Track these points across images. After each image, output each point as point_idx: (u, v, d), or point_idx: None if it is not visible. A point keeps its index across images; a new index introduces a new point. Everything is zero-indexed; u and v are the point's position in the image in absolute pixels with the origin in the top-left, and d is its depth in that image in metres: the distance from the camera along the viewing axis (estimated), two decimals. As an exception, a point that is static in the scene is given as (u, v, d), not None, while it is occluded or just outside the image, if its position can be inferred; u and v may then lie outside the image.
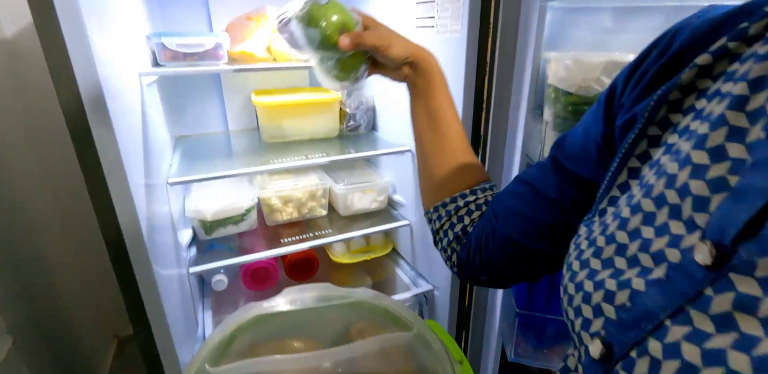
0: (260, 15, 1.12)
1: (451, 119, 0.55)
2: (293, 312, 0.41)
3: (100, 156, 0.61)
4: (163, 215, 0.84)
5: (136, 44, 0.82)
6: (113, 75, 0.63)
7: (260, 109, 1.13)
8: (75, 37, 0.54)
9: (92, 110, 0.57)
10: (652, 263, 0.24)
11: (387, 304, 0.43)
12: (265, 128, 1.14)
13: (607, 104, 0.34)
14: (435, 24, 0.89)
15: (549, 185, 0.40)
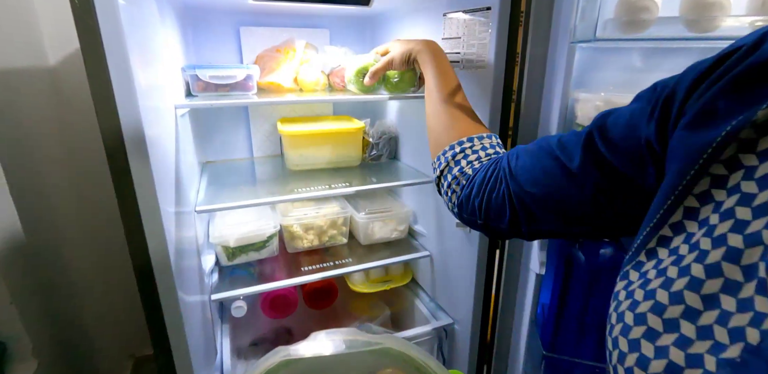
0: (289, 48, 1.16)
1: (451, 86, 0.69)
2: (320, 358, 0.40)
3: (135, 187, 0.62)
4: (190, 241, 0.85)
5: (172, 75, 0.86)
6: (151, 106, 0.66)
7: (285, 137, 1.16)
8: (119, 69, 0.56)
9: (131, 140, 0.59)
10: (728, 340, 0.21)
11: (414, 354, 0.41)
12: (289, 156, 1.16)
13: (664, 107, 0.31)
14: (460, 59, 0.90)
15: (574, 157, 0.39)
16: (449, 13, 0.92)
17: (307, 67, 1.15)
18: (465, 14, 0.87)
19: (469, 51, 0.87)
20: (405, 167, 1.22)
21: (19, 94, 0.91)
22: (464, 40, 0.88)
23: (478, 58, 0.85)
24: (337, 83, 1.17)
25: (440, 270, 1.13)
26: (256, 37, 1.24)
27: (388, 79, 1.01)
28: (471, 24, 0.86)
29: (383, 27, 1.28)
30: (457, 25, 0.90)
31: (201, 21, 1.18)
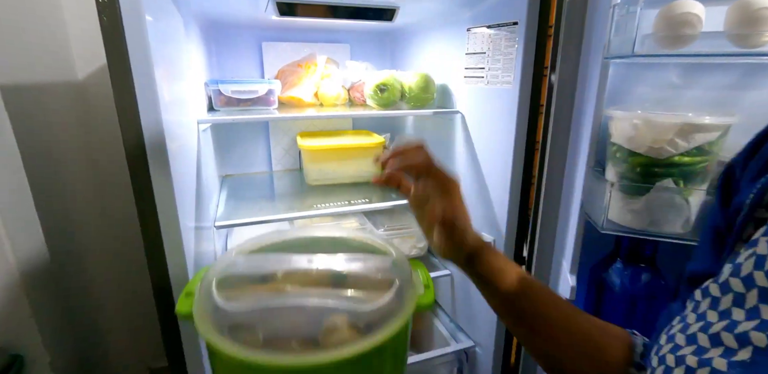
0: (310, 62, 1.16)
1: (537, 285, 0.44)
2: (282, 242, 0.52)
3: (156, 202, 0.61)
4: (208, 256, 0.84)
5: (195, 90, 0.86)
6: (174, 121, 0.65)
7: (305, 152, 1.15)
8: (144, 84, 0.56)
9: (153, 155, 0.59)
10: (736, 345, 0.24)
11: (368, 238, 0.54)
12: (309, 171, 1.15)
13: (724, 193, 0.31)
14: (485, 75, 0.88)
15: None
16: (473, 28, 0.90)
17: (328, 81, 1.15)
18: (490, 29, 0.86)
19: (495, 66, 0.85)
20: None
21: (47, 109, 0.93)
22: (489, 55, 0.87)
23: (504, 73, 0.83)
24: (357, 98, 1.16)
25: (461, 290, 1.09)
26: (278, 51, 1.25)
27: (407, 93, 0.99)
28: (496, 39, 0.84)
29: (404, 41, 1.28)
30: (482, 40, 0.88)
31: (224, 36, 1.19)
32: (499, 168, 0.88)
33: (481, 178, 0.94)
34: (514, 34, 0.80)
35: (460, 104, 0.99)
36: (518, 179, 0.86)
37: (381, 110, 0.99)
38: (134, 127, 0.57)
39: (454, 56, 0.99)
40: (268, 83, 1.01)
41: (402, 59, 1.30)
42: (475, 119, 0.94)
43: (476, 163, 0.95)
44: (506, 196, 0.87)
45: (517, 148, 0.84)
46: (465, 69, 0.95)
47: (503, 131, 0.85)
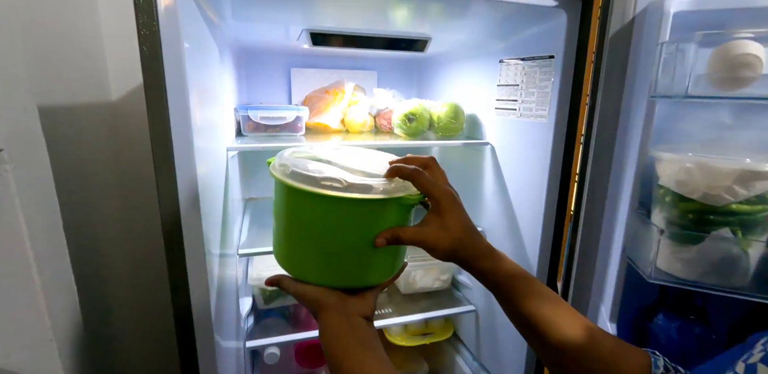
0: (338, 90, 1.17)
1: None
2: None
3: (183, 231, 0.60)
4: (230, 284, 0.82)
5: (226, 115, 0.86)
6: (205, 147, 0.65)
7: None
8: (179, 114, 0.56)
9: (184, 184, 0.58)
10: None
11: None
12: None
13: None
14: (518, 107, 0.87)
15: None
16: (507, 59, 0.89)
17: (355, 108, 1.14)
18: (524, 62, 0.84)
19: (528, 99, 0.84)
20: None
21: (81, 130, 0.94)
22: (523, 88, 0.85)
23: (539, 106, 0.81)
24: (383, 125, 1.15)
25: (486, 327, 1.04)
26: (306, 77, 1.26)
27: (435, 123, 0.98)
28: (531, 72, 0.83)
29: (431, 70, 1.27)
30: (515, 72, 0.87)
31: (255, 62, 1.21)
32: (531, 202, 0.85)
33: (511, 211, 0.91)
34: (551, 67, 0.78)
35: (490, 135, 0.97)
36: (551, 215, 0.82)
37: (409, 140, 0.97)
38: (166, 155, 0.57)
39: (484, 87, 0.98)
40: (296, 110, 1.01)
41: (429, 88, 1.29)
42: (506, 150, 0.92)
43: (506, 195, 0.92)
44: (538, 231, 0.84)
45: (550, 183, 0.81)
46: (496, 100, 0.93)
47: (536, 165, 0.83)
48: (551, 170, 0.80)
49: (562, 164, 0.80)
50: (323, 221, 0.47)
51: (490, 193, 0.98)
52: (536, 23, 0.80)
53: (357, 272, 0.50)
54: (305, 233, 0.50)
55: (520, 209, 0.89)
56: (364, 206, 0.45)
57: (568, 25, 0.74)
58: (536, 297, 0.45)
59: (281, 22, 0.80)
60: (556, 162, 0.80)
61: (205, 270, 0.63)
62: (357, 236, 0.47)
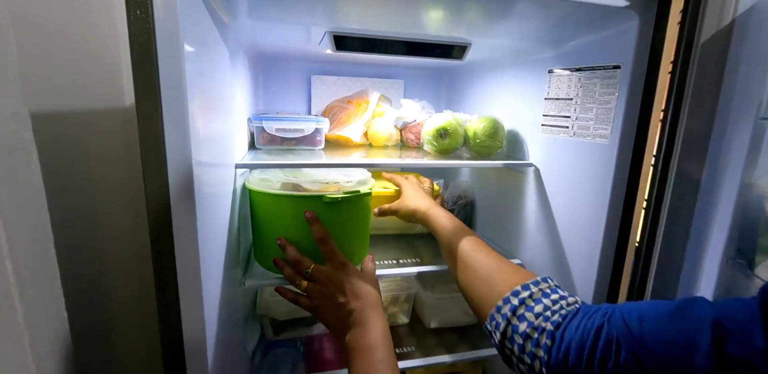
0: (362, 100, 1.06)
1: (471, 235, 0.68)
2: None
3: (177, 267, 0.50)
4: (233, 315, 0.72)
5: (237, 126, 0.76)
6: (208, 163, 0.55)
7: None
8: (174, 122, 0.46)
9: (178, 201, 0.48)
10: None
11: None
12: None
13: None
14: (571, 125, 0.75)
15: (754, 338, 0.30)
16: (557, 69, 0.78)
17: (380, 120, 1.04)
18: (580, 72, 0.73)
19: (585, 115, 0.72)
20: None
21: (93, 135, 0.86)
22: (578, 103, 0.73)
23: (598, 125, 0.69)
24: (410, 140, 1.04)
25: None
26: (327, 85, 1.16)
27: (471, 140, 0.87)
28: (589, 84, 0.71)
29: (464, 80, 1.16)
30: (568, 84, 0.75)
31: (272, 68, 1.12)
32: (584, 236, 0.73)
33: (558, 244, 0.79)
34: (615, 79, 0.66)
35: (534, 155, 0.85)
36: (609, 253, 0.70)
37: (442, 159, 0.86)
38: (158, 169, 0.47)
39: (528, 100, 0.86)
40: (315, 121, 0.91)
41: (459, 99, 1.18)
42: (554, 174, 0.80)
43: (552, 226, 0.80)
44: (593, 270, 0.71)
45: (611, 215, 0.68)
46: (543, 116, 0.82)
47: (593, 193, 0.71)
48: (612, 200, 0.68)
49: (626, 193, 0.68)
50: (277, 214, 0.69)
51: (533, 222, 0.86)
52: (598, 28, 0.68)
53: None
54: (271, 228, 0.70)
55: (569, 241, 0.77)
56: (297, 201, 0.66)
57: (641, 30, 0.62)
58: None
59: (302, 23, 0.71)
60: (618, 191, 0.68)
61: (201, 308, 0.53)
62: (302, 225, 0.67)
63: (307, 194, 0.67)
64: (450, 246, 0.67)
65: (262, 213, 0.71)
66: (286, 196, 0.67)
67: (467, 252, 0.63)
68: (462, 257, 0.63)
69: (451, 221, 0.72)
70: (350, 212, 0.72)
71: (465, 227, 0.70)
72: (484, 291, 0.54)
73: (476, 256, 0.61)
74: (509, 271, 0.55)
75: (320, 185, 0.69)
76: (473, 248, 0.63)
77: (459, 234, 0.67)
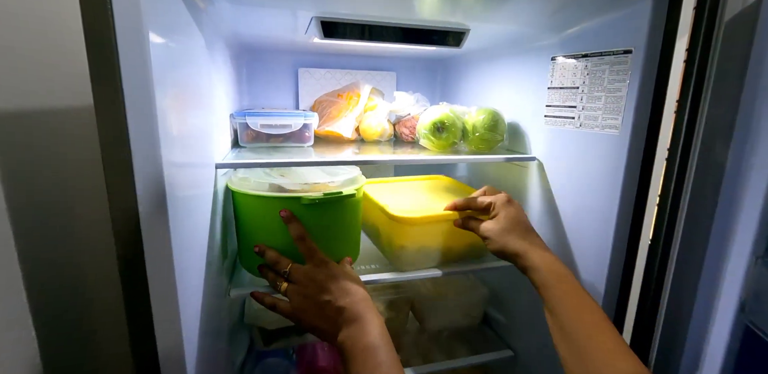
0: (353, 93, 1.01)
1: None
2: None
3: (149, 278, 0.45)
4: (218, 327, 0.66)
5: (218, 122, 0.70)
6: (183, 163, 0.49)
7: (395, 224, 0.73)
8: (140, 118, 0.40)
9: (148, 214, 0.42)
10: None
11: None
12: (401, 252, 0.75)
13: None
14: (577, 115, 0.70)
15: None
16: (561, 56, 0.73)
17: (372, 114, 0.98)
18: (587, 59, 0.68)
19: (593, 105, 0.67)
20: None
21: (63, 134, 0.79)
22: (584, 91, 0.68)
23: (608, 114, 0.64)
24: (405, 135, 0.99)
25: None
26: (316, 78, 1.10)
27: (470, 133, 0.82)
28: (597, 71, 0.66)
29: (458, 71, 1.11)
30: (573, 71, 0.70)
31: (257, 61, 1.06)
32: (594, 232, 0.68)
33: (564, 241, 0.74)
34: (626, 65, 0.61)
35: (536, 148, 0.80)
36: (621, 251, 0.66)
37: (440, 154, 0.81)
38: (123, 177, 0.41)
39: (529, 91, 0.81)
40: (303, 117, 0.85)
41: (455, 92, 1.13)
42: (559, 168, 0.75)
43: (557, 222, 0.76)
44: (603, 270, 0.67)
45: (622, 211, 0.64)
46: (546, 106, 0.77)
47: (602, 187, 0.66)
48: (624, 194, 0.63)
49: (638, 186, 0.64)
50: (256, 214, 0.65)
51: (536, 219, 0.81)
52: (606, 9, 0.63)
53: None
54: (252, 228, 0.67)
55: (576, 241, 0.72)
56: (274, 203, 0.63)
57: (654, 9, 0.57)
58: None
59: (286, 6, 0.65)
60: (630, 184, 0.63)
61: (178, 324, 0.47)
62: (283, 227, 0.63)
63: (285, 196, 0.62)
64: (560, 317, 0.52)
65: (243, 215, 0.67)
66: (265, 197, 0.63)
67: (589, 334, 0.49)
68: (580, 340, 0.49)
69: (559, 279, 0.55)
70: (334, 214, 0.67)
71: (580, 290, 0.54)
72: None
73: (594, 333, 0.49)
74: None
75: (303, 185, 0.64)
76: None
77: (573, 303, 0.52)
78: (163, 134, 0.42)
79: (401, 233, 0.73)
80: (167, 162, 0.43)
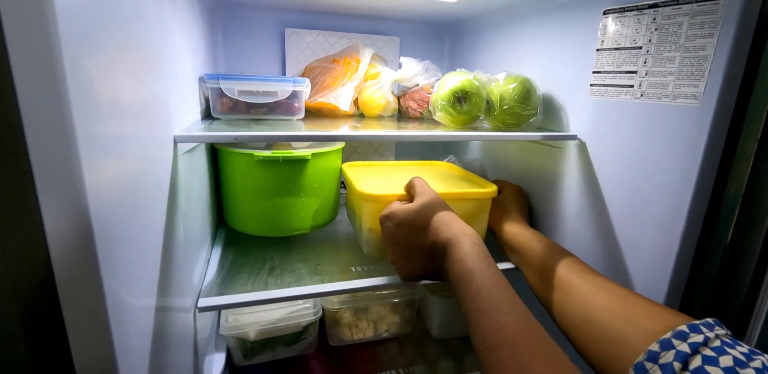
0: (351, 58, 0.85)
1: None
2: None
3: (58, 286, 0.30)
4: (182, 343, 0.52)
5: (178, 89, 0.54)
6: (115, 140, 0.33)
7: (366, 204, 0.63)
8: (37, 76, 0.25)
9: (60, 203, 0.27)
10: None
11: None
12: (371, 236, 0.64)
13: None
14: (638, 83, 0.56)
15: None
16: (618, 9, 0.58)
17: (374, 83, 0.83)
18: (654, 10, 0.53)
19: (661, 69, 0.53)
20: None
21: None
22: (650, 52, 0.54)
23: (682, 81, 0.51)
24: (412, 110, 0.84)
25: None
26: (306, 42, 0.94)
27: (496, 105, 0.67)
28: (670, 24, 0.52)
29: (471, 36, 0.96)
30: (635, 27, 0.56)
31: (235, 19, 0.89)
32: (654, 229, 0.55)
33: (611, 237, 0.61)
34: (714, 15, 0.47)
35: (576, 124, 0.66)
36: (689, 255, 0.53)
37: (461, 130, 0.66)
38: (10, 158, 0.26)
39: (569, 54, 0.67)
40: (292, 83, 0.69)
41: (467, 61, 0.98)
42: (607, 148, 0.61)
43: (603, 215, 0.62)
44: (665, 275, 0.54)
45: (695, 203, 0.51)
46: (593, 73, 0.62)
47: (669, 175, 0.53)
48: (699, 184, 0.50)
49: (716, 174, 0.50)
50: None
51: (574, 209, 0.68)
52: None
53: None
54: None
55: (628, 238, 0.59)
56: (234, 157, 0.68)
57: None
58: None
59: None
60: (708, 171, 0.50)
61: (113, 353, 0.33)
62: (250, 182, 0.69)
63: (241, 152, 0.65)
64: (542, 267, 0.56)
65: (219, 170, 0.73)
66: (228, 152, 0.67)
67: (573, 275, 0.52)
68: (563, 280, 0.52)
69: (541, 242, 0.60)
70: (289, 176, 0.67)
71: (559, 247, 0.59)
72: (619, 327, 0.41)
73: (590, 279, 0.50)
74: (650, 305, 0.43)
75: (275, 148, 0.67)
76: (581, 272, 0.52)
77: (553, 255, 0.56)
78: (77, 98, 0.26)
79: (369, 213, 0.62)
80: (84, 134, 0.28)
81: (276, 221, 0.69)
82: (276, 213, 0.69)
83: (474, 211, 0.65)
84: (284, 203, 0.68)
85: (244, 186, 0.69)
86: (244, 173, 0.68)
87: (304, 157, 0.66)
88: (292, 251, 0.71)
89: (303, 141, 0.70)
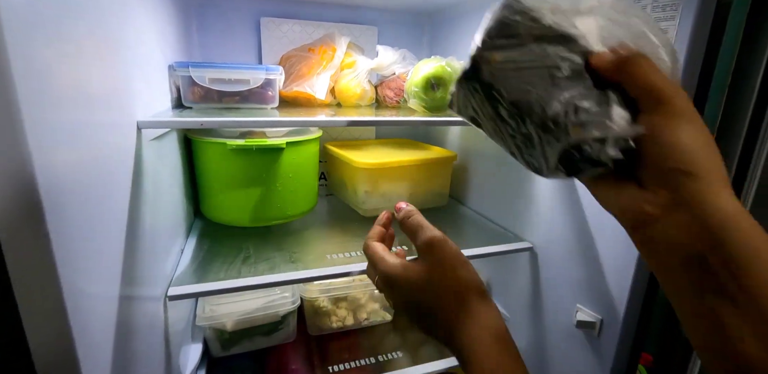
0: (327, 46, 0.84)
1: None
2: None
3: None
4: (152, 335, 0.52)
5: (144, 76, 0.53)
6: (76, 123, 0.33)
7: (359, 171, 0.78)
8: None
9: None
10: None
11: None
12: (365, 197, 0.80)
13: None
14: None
15: None
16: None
17: (350, 72, 0.83)
18: None
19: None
20: (476, 218, 0.87)
21: None
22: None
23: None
24: (389, 98, 0.84)
25: None
26: (282, 31, 0.93)
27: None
28: (637, 9, 0.52)
29: (450, 25, 0.96)
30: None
31: (209, 6, 0.87)
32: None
33: (585, 225, 0.62)
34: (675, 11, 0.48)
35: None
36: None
37: (434, 115, 0.66)
38: None
39: None
40: (264, 71, 0.68)
41: (446, 50, 0.98)
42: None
43: (577, 202, 0.63)
44: (633, 257, 0.55)
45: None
46: None
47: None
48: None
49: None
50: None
51: (548, 197, 0.68)
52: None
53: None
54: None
55: (600, 225, 0.60)
56: (208, 146, 0.68)
57: None
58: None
59: None
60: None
61: (72, 341, 0.32)
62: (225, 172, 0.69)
63: (214, 141, 0.65)
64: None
65: (194, 160, 0.72)
66: (204, 142, 0.67)
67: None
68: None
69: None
70: (264, 164, 0.67)
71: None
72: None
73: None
74: None
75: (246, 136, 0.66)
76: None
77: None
78: (23, 82, 0.26)
79: (364, 180, 0.78)
80: (36, 122, 0.27)
81: (252, 211, 0.68)
82: (251, 203, 0.68)
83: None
84: (260, 192, 0.68)
85: (218, 176, 0.68)
86: (218, 162, 0.67)
87: (279, 145, 0.65)
88: (269, 240, 0.70)
89: (272, 127, 0.68)
